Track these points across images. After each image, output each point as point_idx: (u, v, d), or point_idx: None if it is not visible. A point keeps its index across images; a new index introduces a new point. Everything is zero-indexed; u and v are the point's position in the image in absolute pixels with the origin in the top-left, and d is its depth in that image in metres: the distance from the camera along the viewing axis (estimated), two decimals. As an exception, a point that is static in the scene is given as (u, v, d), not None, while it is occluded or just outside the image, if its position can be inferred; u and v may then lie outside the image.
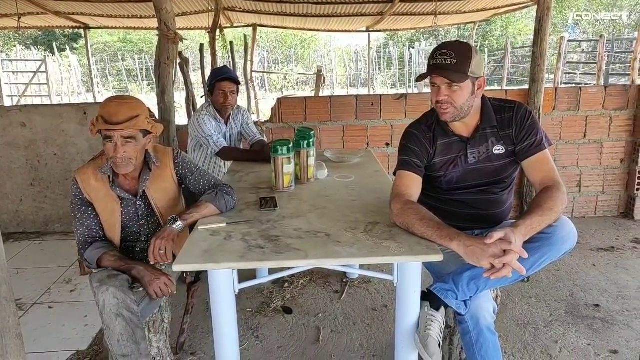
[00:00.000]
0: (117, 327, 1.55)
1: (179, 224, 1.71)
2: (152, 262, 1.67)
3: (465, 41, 1.63)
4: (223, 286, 1.51)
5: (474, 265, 1.38)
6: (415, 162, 1.70)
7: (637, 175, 3.71)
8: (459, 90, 1.57)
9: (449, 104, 1.59)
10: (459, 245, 1.37)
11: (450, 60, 1.54)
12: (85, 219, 1.79)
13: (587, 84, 11.63)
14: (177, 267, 1.37)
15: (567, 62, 13.15)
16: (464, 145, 1.70)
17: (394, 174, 1.77)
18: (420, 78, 1.65)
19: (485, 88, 1.66)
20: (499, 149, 1.69)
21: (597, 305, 2.50)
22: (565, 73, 12.83)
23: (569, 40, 13.51)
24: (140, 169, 1.82)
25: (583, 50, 14.95)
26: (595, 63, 10.80)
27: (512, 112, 1.68)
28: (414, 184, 1.68)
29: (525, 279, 2.73)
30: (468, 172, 1.72)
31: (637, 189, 3.73)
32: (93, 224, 1.81)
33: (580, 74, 13.33)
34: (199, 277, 2.14)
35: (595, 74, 10.68)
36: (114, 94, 2.40)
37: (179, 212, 1.83)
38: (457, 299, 1.53)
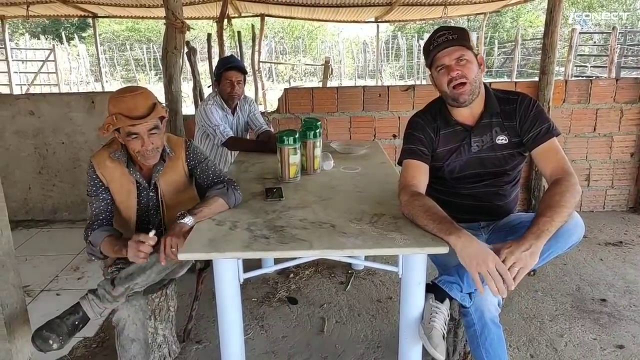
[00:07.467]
0: (132, 350, 1.61)
1: (189, 219, 1.59)
2: (162, 264, 1.56)
3: None
4: (228, 275, 1.51)
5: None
6: (421, 149, 1.69)
7: (647, 169, 3.67)
8: (468, 64, 1.57)
9: (462, 79, 1.57)
10: (457, 241, 1.34)
11: (452, 37, 1.57)
12: (94, 201, 1.76)
13: (598, 76, 11.48)
14: (182, 256, 1.38)
15: (579, 55, 12.97)
16: (468, 134, 1.69)
17: (399, 163, 1.76)
18: (428, 61, 1.64)
19: (495, 80, 1.65)
20: (502, 139, 1.67)
21: (604, 300, 2.48)
22: (576, 65, 12.66)
23: (580, 32, 13.32)
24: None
25: (595, 42, 14.71)
26: (607, 56, 10.64)
27: (516, 103, 1.67)
28: (421, 173, 1.67)
29: (532, 273, 2.72)
30: (470, 161, 1.71)
31: (647, 184, 3.69)
32: (102, 205, 1.77)
33: (591, 66, 13.16)
34: (209, 264, 2.14)
35: (606, 66, 10.53)
36: (123, 86, 2.37)
37: (188, 201, 1.81)
38: (461, 292, 1.52)
